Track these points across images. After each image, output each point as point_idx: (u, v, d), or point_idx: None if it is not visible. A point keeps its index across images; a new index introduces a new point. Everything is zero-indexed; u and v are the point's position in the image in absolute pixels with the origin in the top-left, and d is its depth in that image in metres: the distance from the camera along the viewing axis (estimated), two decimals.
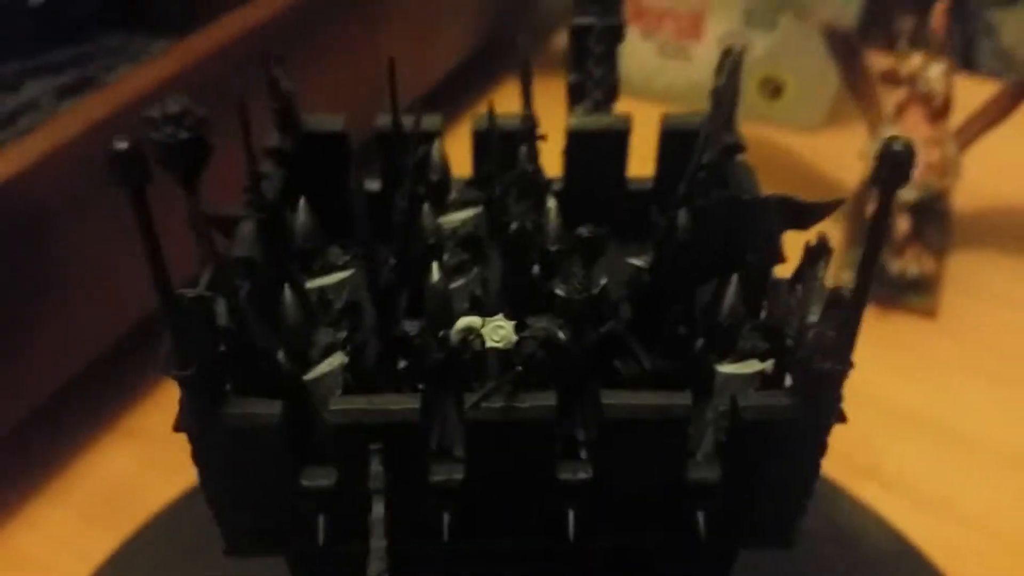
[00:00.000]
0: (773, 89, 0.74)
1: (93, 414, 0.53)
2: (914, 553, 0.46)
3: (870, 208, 0.59)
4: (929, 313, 0.59)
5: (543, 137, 0.28)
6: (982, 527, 0.47)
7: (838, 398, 0.23)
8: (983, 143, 0.61)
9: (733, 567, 0.28)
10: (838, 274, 0.60)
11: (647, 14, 0.74)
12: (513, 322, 0.22)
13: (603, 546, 0.26)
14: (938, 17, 0.59)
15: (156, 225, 0.20)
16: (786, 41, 0.71)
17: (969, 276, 0.62)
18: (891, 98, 0.61)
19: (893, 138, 0.18)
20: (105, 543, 0.46)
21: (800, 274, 0.24)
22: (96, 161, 0.49)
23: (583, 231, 0.25)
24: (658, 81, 0.74)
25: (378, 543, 0.22)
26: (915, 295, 0.59)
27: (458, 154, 0.33)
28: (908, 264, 0.59)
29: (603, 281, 0.25)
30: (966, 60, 1.54)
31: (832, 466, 0.49)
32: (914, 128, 0.59)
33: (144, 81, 0.50)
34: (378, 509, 0.22)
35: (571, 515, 0.25)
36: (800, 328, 0.23)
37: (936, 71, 0.59)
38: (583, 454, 0.25)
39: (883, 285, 0.60)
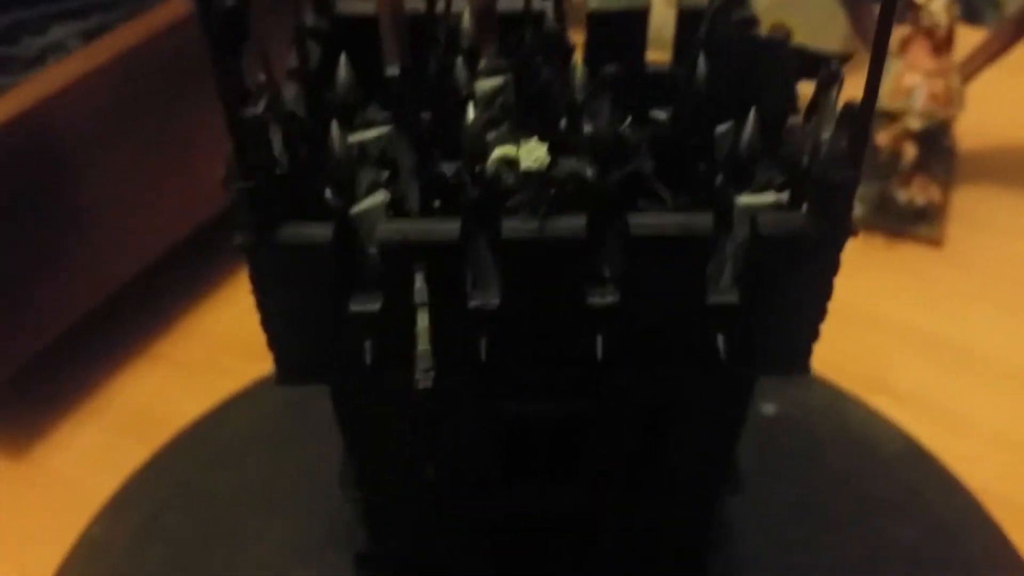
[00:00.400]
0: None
1: (121, 339, 0.55)
2: (924, 455, 0.48)
3: (878, 136, 0.61)
4: (935, 242, 0.61)
5: None
6: (991, 434, 0.49)
7: (849, 208, 0.24)
8: (985, 83, 0.62)
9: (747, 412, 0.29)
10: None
11: None
12: (547, 143, 0.24)
13: (630, 379, 0.27)
14: None
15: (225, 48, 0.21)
16: None
17: (973, 208, 0.63)
18: (896, 34, 0.62)
19: None
20: (134, 459, 0.48)
21: (814, 104, 0.26)
22: (124, 89, 0.50)
23: (608, 68, 0.27)
24: (668, 32, 0.75)
25: (424, 347, 0.23)
26: (922, 224, 0.61)
27: None
28: (915, 194, 0.61)
29: (628, 119, 0.26)
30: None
31: (843, 379, 0.51)
32: (918, 61, 0.61)
33: (170, 13, 0.51)
34: (423, 319, 0.24)
35: (599, 340, 0.26)
36: (814, 147, 0.24)
37: (938, 5, 0.60)
38: (610, 286, 0.27)
39: (891, 214, 0.61)
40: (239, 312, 0.55)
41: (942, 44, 0.61)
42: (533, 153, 0.24)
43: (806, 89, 0.28)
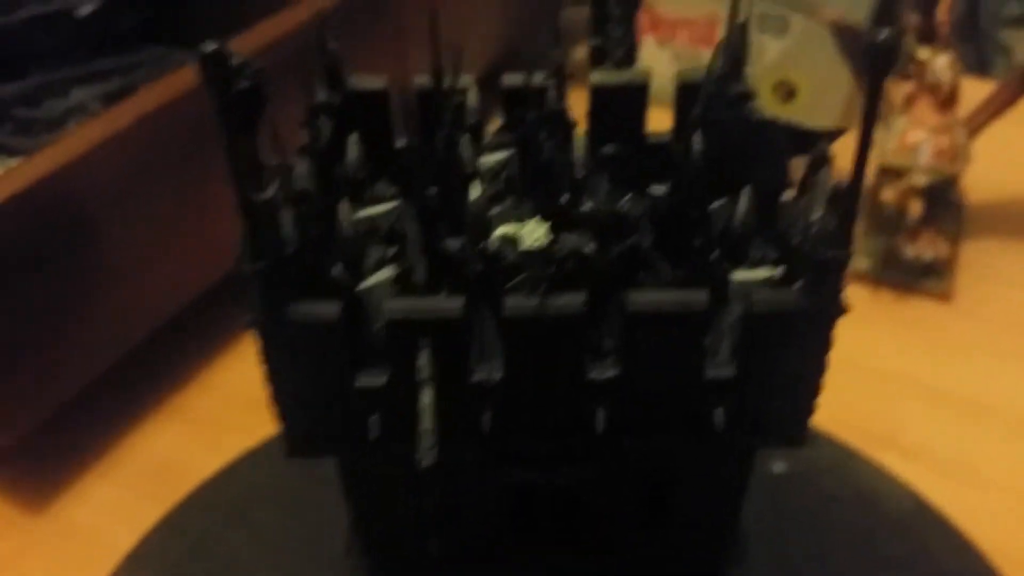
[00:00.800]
0: (787, 92, 0.76)
1: (140, 395, 0.56)
2: (935, 514, 0.48)
3: (884, 193, 0.62)
4: (945, 296, 0.61)
5: (571, 75, 0.31)
6: (1002, 490, 0.49)
7: (841, 288, 0.25)
8: (992, 133, 0.63)
9: (750, 477, 0.30)
10: (855, 259, 0.62)
11: (662, 24, 0.77)
12: (548, 223, 0.25)
13: (630, 450, 0.28)
14: (943, 11, 0.62)
15: (238, 128, 0.23)
16: (798, 44, 0.74)
17: (982, 260, 0.64)
18: (900, 90, 0.63)
19: (878, 30, 0.20)
20: (153, 513, 0.48)
21: (804, 184, 0.26)
22: (146, 152, 0.52)
23: (607, 149, 0.28)
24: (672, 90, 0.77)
25: (427, 424, 0.24)
26: (930, 279, 0.61)
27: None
28: (923, 249, 0.61)
29: (627, 196, 0.27)
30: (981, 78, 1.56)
31: (852, 436, 0.51)
32: (923, 117, 0.62)
33: (189, 79, 0.53)
34: (427, 395, 0.25)
35: (600, 413, 0.27)
36: (805, 227, 0.25)
37: (942, 62, 0.61)
38: (610, 360, 0.28)
39: (899, 269, 0.62)
40: (253, 367, 0.56)
41: (946, 101, 0.61)
42: (534, 233, 0.25)
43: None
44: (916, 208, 0.61)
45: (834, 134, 0.27)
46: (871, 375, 0.56)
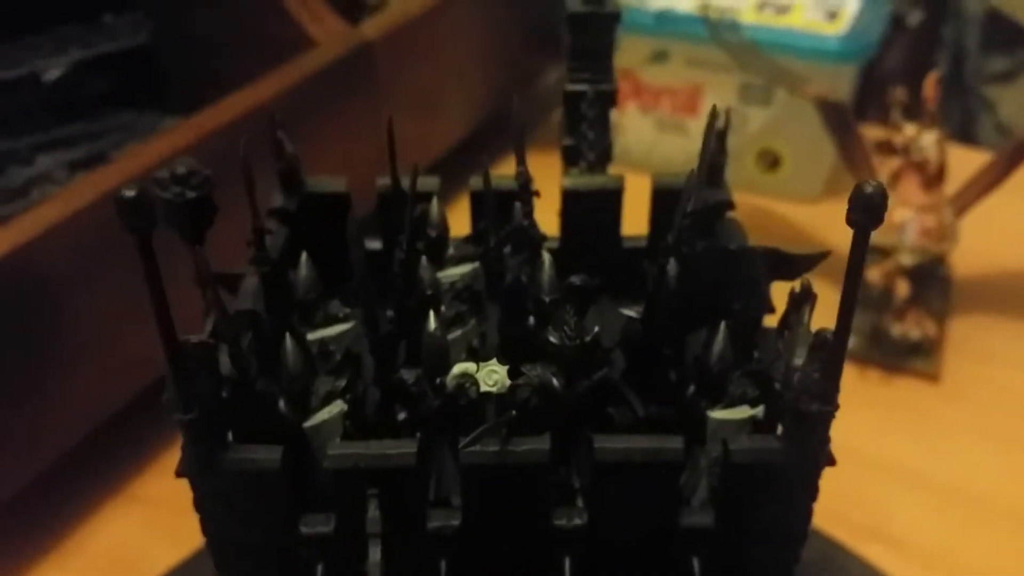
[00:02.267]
0: (771, 162, 0.75)
1: (97, 480, 0.54)
2: None
3: (870, 272, 0.60)
4: (932, 376, 0.59)
5: (537, 193, 0.29)
6: None
7: (826, 440, 0.23)
8: (981, 209, 0.62)
9: None
10: None
11: (645, 91, 0.76)
12: (507, 367, 0.23)
13: None
14: (929, 87, 0.61)
15: (160, 272, 0.21)
16: (782, 115, 0.73)
17: (971, 339, 0.62)
18: (886, 167, 0.62)
19: (865, 182, 0.19)
20: None
21: (786, 320, 0.25)
22: (106, 230, 0.50)
23: (575, 280, 0.26)
24: (656, 154, 0.76)
25: None
26: (918, 358, 0.60)
27: (459, 222, 0.34)
28: (910, 328, 0.60)
29: (595, 329, 0.25)
30: (966, 135, 1.57)
31: (837, 527, 0.49)
32: (910, 196, 0.60)
33: (154, 153, 0.51)
34: (375, 554, 0.22)
35: (567, 562, 0.25)
36: (787, 372, 0.23)
37: (929, 140, 0.60)
38: (579, 502, 0.26)
39: (886, 349, 0.60)
40: None
41: (933, 179, 0.60)
42: (493, 375, 0.23)
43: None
44: (903, 288, 0.59)
45: (815, 258, 0.26)
46: (857, 460, 0.54)
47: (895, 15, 1.12)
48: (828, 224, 0.70)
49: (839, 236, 0.22)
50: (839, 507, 0.51)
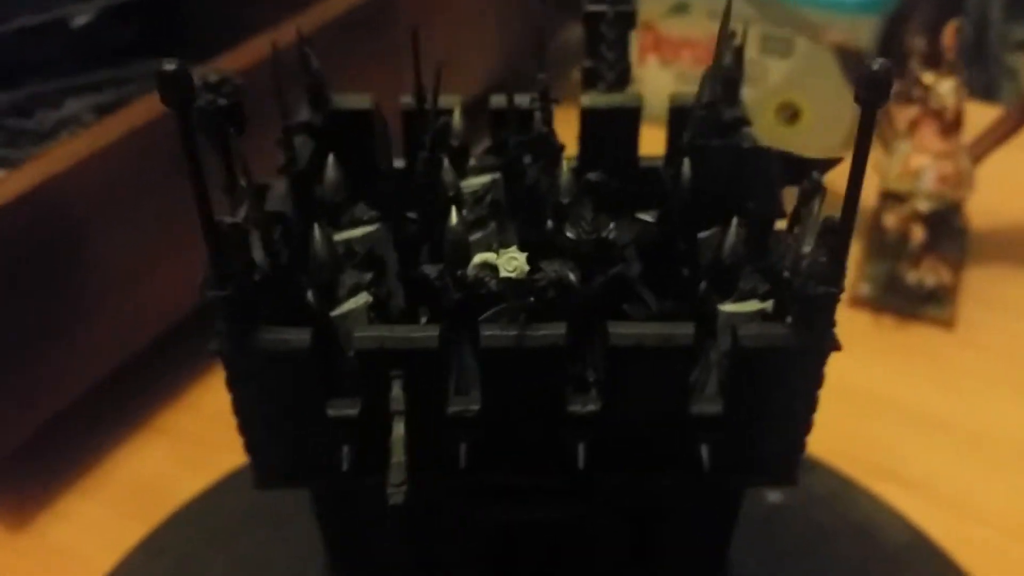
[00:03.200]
0: (791, 114, 0.76)
1: (125, 412, 0.55)
2: (932, 548, 0.47)
3: (886, 218, 0.61)
4: (947, 324, 0.60)
5: (556, 100, 0.30)
6: (1002, 525, 0.48)
7: (832, 323, 0.24)
8: (996, 161, 0.62)
9: (739, 513, 0.29)
10: (857, 284, 0.61)
11: (665, 44, 0.77)
12: (526, 254, 0.24)
13: (613, 486, 0.27)
14: (949, 36, 0.61)
15: (198, 149, 0.22)
16: (802, 67, 0.73)
17: (985, 288, 0.63)
18: (904, 115, 0.62)
19: (873, 60, 0.19)
20: (135, 533, 0.48)
21: (796, 214, 0.25)
22: (133, 166, 0.51)
23: (592, 176, 0.27)
24: None
25: (398, 459, 0.23)
26: (933, 306, 0.60)
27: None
28: (925, 275, 0.60)
29: (611, 225, 0.26)
30: (988, 103, 1.56)
31: (851, 466, 0.50)
32: (927, 143, 0.61)
33: None
34: (398, 429, 0.24)
35: (581, 448, 0.26)
36: (795, 260, 0.24)
37: (947, 87, 0.60)
38: (593, 392, 0.27)
39: (901, 296, 0.61)
40: None
41: (951, 126, 0.60)
42: (512, 262, 0.24)
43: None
44: (918, 234, 0.60)
45: (829, 163, 0.26)
46: (872, 403, 0.55)
47: None
48: (843, 171, 0.70)
49: None
50: (853, 448, 0.51)
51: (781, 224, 0.28)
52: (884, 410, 0.55)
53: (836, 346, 0.24)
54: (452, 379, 0.26)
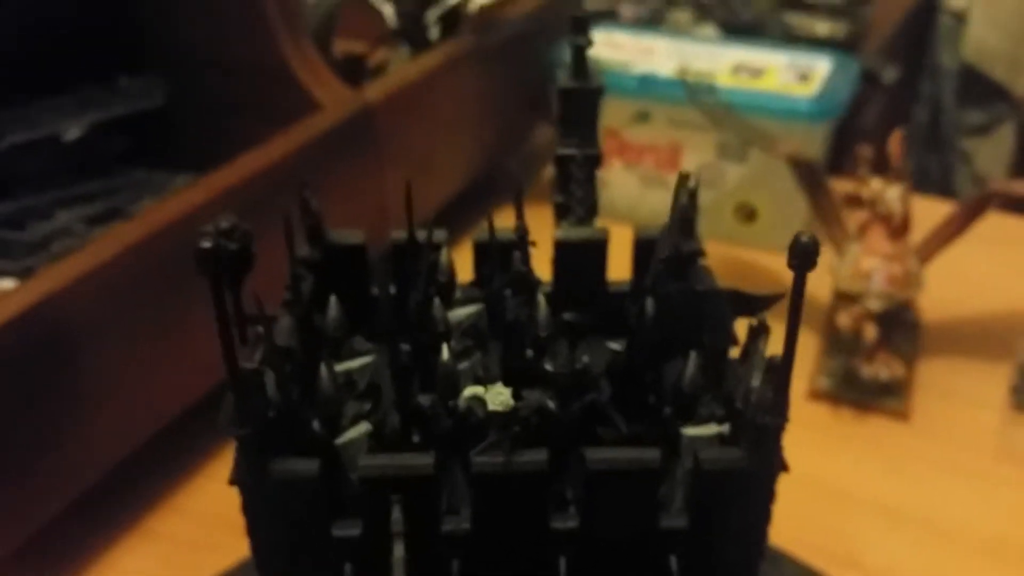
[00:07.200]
0: (748, 214, 0.80)
1: (113, 518, 0.56)
2: None
3: (840, 317, 0.65)
4: (902, 415, 0.63)
5: (533, 243, 0.33)
6: None
7: (779, 448, 0.27)
8: (950, 257, 0.65)
9: None
10: (816, 378, 0.65)
11: (629, 149, 0.81)
12: (510, 388, 0.27)
13: None
14: (895, 144, 0.65)
15: (227, 308, 0.25)
16: (757, 171, 0.77)
17: (939, 379, 0.66)
18: (854, 219, 0.66)
19: (802, 233, 0.23)
20: None
21: (746, 350, 0.29)
22: (129, 281, 0.53)
23: (567, 316, 0.30)
24: (641, 207, 0.81)
25: None
26: (888, 398, 0.63)
27: (458, 268, 0.38)
28: (879, 369, 0.64)
29: (585, 359, 0.30)
30: (944, 187, 1.62)
31: (815, 557, 0.52)
32: (876, 245, 0.65)
33: (172, 210, 0.54)
34: (399, 549, 0.26)
35: (562, 561, 0.29)
36: (746, 392, 0.27)
37: (893, 193, 0.64)
38: (572, 509, 0.30)
39: (857, 389, 0.64)
40: (225, 488, 0.57)
41: (898, 229, 0.64)
42: (499, 396, 0.27)
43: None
44: (871, 332, 0.63)
45: (772, 299, 0.30)
46: (832, 493, 0.58)
47: (872, 72, 1.18)
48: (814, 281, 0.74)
49: (810, 283, 0.26)
50: (816, 538, 0.54)
51: (735, 352, 0.31)
52: (844, 500, 0.57)
53: (784, 468, 0.27)
54: (444, 499, 0.29)
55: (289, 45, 0.68)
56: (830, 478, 0.58)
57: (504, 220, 0.37)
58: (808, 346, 0.67)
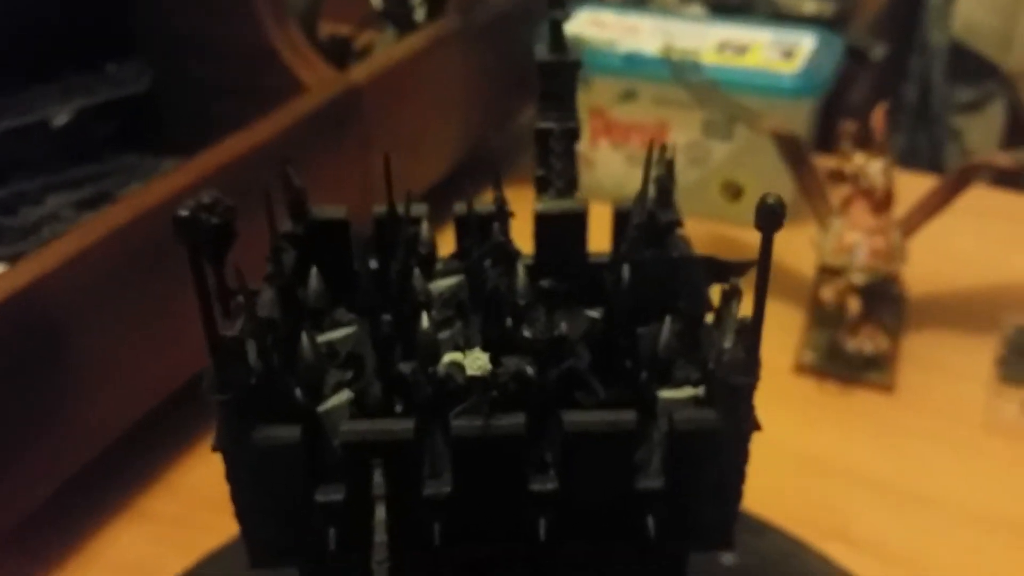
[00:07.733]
0: (734, 192, 0.81)
1: (105, 498, 0.57)
2: None
3: (824, 291, 0.65)
4: (887, 388, 0.64)
5: (512, 214, 0.34)
6: None
7: (751, 407, 0.28)
8: (935, 230, 0.66)
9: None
10: (801, 352, 0.65)
11: (616, 128, 0.82)
12: (488, 353, 0.28)
13: (571, 552, 0.30)
14: (878, 119, 0.66)
15: (207, 278, 0.25)
16: (743, 148, 0.78)
17: (924, 352, 0.66)
18: (838, 194, 0.67)
19: (768, 195, 0.24)
20: None
21: (719, 314, 0.30)
22: (116, 263, 0.54)
23: (545, 283, 0.31)
24: (627, 187, 0.80)
25: (380, 539, 0.26)
26: (873, 371, 0.64)
27: (443, 247, 0.38)
28: (863, 343, 0.64)
29: (562, 325, 0.30)
30: (934, 163, 1.63)
31: (801, 528, 0.53)
32: (859, 219, 0.65)
33: (158, 192, 0.55)
34: (380, 512, 0.27)
35: (542, 522, 0.30)
36: (719, 354, 0.28)
37: (876, 167, 0.65)
38: (551, 472, 0.30)
39: (842, 363, 0.64)
40: (217, 468, 0.58)
41: (881, 203, 0.65)
42: (477, 361, 0.27)
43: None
44: (854, 305, 0.64)
45: (745, 265, 0.30)
46: (818, 466, 0.58)
47: (860, 50, 1.18)
48: (786, 247, 0.74)
49: (795, 257, 0.27)
50: (802, 509, 0.54)
51: (710, 318, 0.32)
52: (831, 472, 0.58)
53: (757, 427, 0.28)
54: (426, 464, 0.30)
55: (275, 28, 0.68)
56: (816, 451, 0.59)
57: (488, 199, 0.37)
58: (793, 320, 0.68)
